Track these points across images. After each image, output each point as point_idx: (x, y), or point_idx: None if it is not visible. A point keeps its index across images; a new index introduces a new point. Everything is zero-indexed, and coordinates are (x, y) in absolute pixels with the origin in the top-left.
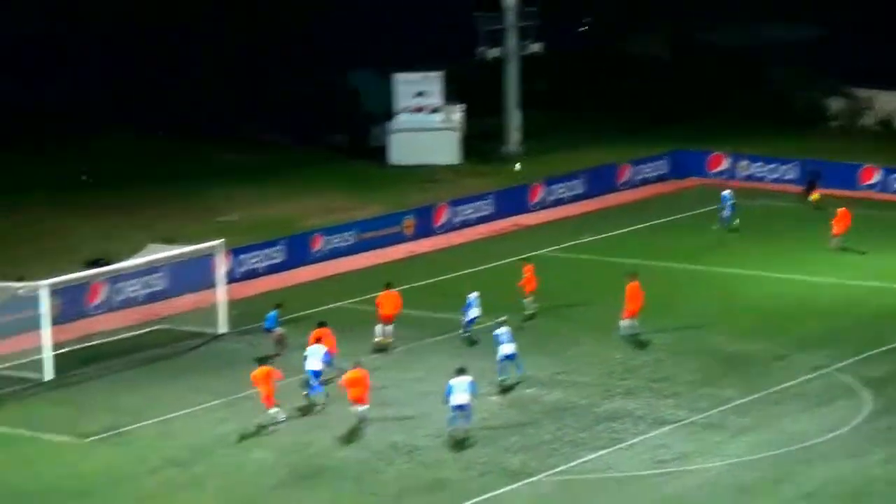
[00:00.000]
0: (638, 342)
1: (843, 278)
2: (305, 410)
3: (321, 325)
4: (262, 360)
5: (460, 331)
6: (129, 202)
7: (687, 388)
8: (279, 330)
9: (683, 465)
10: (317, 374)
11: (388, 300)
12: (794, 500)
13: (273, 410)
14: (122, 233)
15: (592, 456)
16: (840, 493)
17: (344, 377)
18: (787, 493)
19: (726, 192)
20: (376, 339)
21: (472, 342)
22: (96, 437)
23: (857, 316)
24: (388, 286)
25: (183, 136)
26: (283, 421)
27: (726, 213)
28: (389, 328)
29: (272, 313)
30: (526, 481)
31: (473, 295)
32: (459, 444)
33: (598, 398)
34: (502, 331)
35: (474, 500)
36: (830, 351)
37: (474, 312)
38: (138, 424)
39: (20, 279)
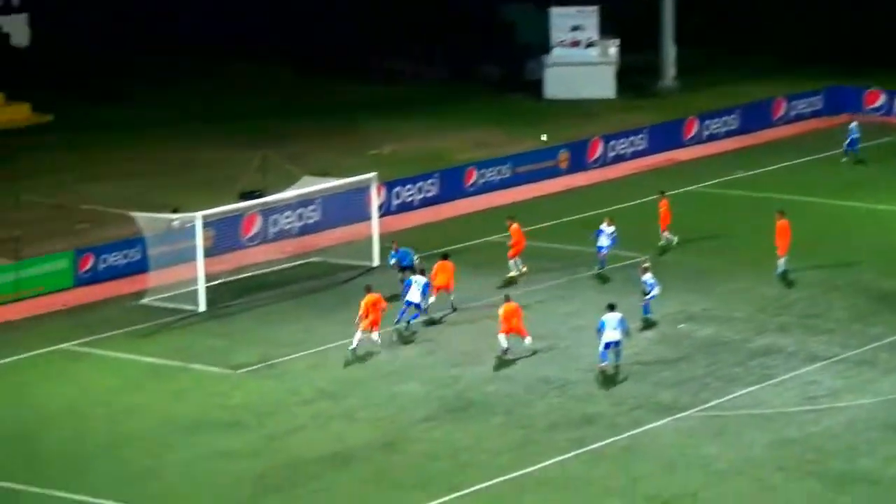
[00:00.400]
0: (791, 279)
1: None
2: (404, 339)
3: (445, 257)
4: (369, 289)
5: (595, 267)
6: (283, 135)
7: (839, 324)
8: (417, 260)
9: (834, 401)
10: (414, 304)
11: (515, 234)
12: None
13: (374, 335)
14: (277, 165)
15: (743, 391)
16: None
17: (500, 312)
18: None
19: (853, 125)
20: (510, 274)
21: (603, 279)
22: (248, 369)
23: None
24: (511, 218)
25: (339, 70)
26: (378, 343)
27: (851, 145)
28: (516, 261)
29: (402, 251)
30: (676, 416)
31: (605, 225)
32: (610, 379)
33: (750, 334)
34: (648, 277)
35: (624, 435)
36: None
37: (603, 241)
38: (290, 356)
39: (175, 211)
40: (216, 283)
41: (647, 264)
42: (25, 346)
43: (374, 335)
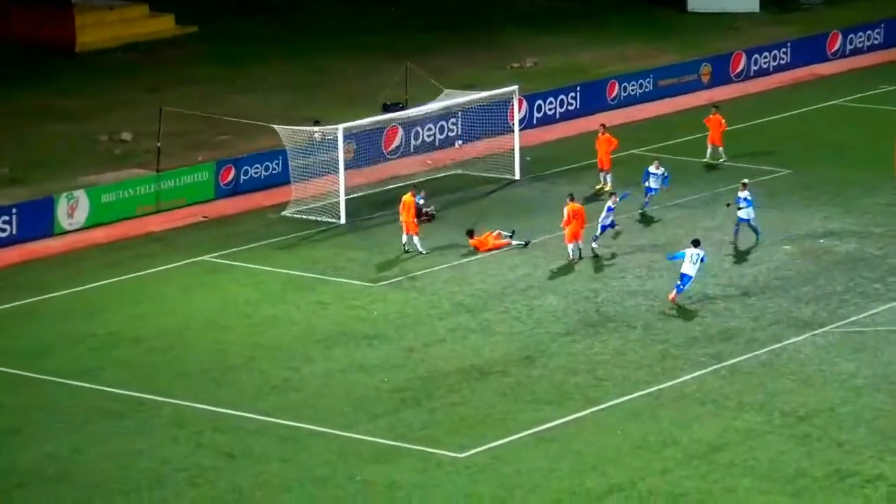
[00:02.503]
0: None
1: None
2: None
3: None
4: (572, 197)
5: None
6: (426, 48)
7: None
8: (430, 209)
9: None
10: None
11: (602, 144)
12: None
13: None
14: (420, 78)
15: (883, 307)
16: None
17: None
18: None
19: None
20: (597, 187)
21: (648, 220)
22: (388, 282)
23: None
24: (603, 126)
25: None
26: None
27: None
28: (607, 176)
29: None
30: (815, 332)
31: (653, 168)
32: (750, 293)
33: (891, 249)
34: (744, 195)
35: (763, 350)
36: None
37: (652, 183)
38: (430, 269)
39: (316, 123)
40: (357, 195)
41: (745, 181)
42: (166, 257)
43: (570, 246)
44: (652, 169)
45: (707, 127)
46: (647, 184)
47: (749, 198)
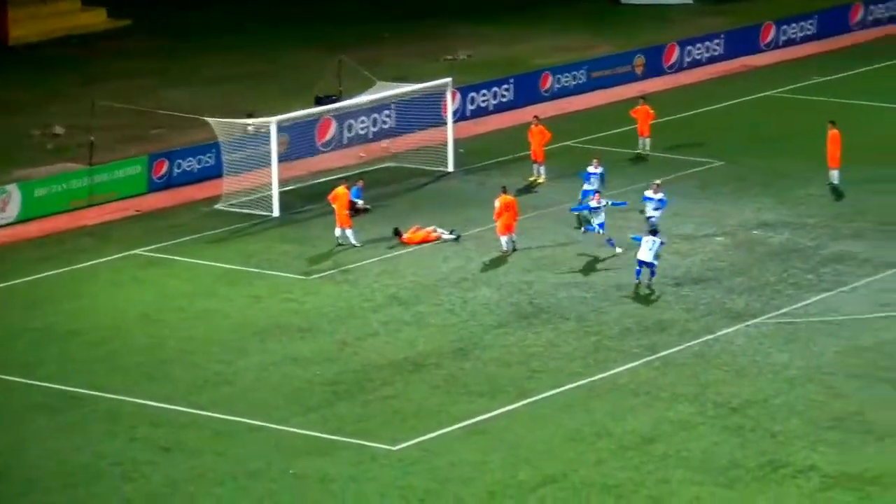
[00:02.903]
0: (867, 185)
1: None
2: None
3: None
4: (504, 189)
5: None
6: (360, 40)
7: None
8: (360, 203)
9: None
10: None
11: (535, 136)
12: None
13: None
14: (353, 70)
15: (816, 298)
16: None
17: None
18: None
19: None
20: (531, 179)
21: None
22: (321, 275)
23: None
24: (536, 118)
25: None
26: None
27: None
28: (541, 168)
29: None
30: (749, 323)
31: (592, 168)
32: (681, 285)
33: (824, 240)
34: (658, 196)
35: (697, 341)
36: None
37: (593, 184)
38: (363, 262)
39: (249, 115)
40: (290, 188)
41: (658, 182)
42: (99, 251)
43: (503, 238)
44: (591, 169)
45: (635, 118)
46: (586, 185)
47: (663, 198)
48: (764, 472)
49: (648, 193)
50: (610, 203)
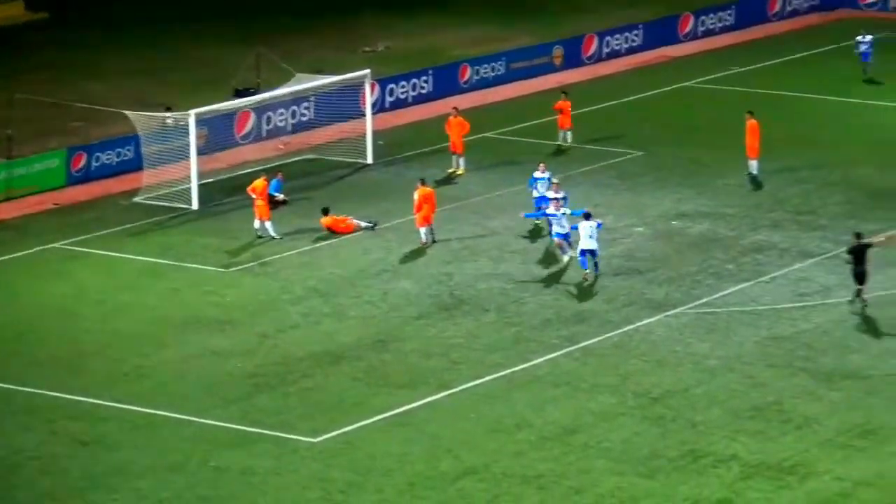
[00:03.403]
0: (786, 175)
1: None
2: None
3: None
4: (423, 182)
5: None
6: (278, 32)
7: (832, 220)
8: (280, 196)
9: (825, 298)
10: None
11: (454, 128)
12: None
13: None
14: (271, 63)
15: (735, 288)
16: None
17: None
18: None
19: (863, 38)
20: (450, 171)
21: (501, 203)
22: (241, 267)
23: None
24: (455, 110)
25: None
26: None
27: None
28: (460, 159)
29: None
30: (668, 313)
31: (538, 172)
32: (602, 276)
33: (743, 230)
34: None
35: (617, 332)
36: None
37: (541, 190)
38: (283, 255)
39: (168, 109)
40: (209, 181)
41: (555, 180)
42: (17, 245)
43: (422, 230)
44: (538, 174)
45: (559, 111)
46: (535, 192)
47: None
48: (685, 461)
49: (537, 174)
50: (570, 212)
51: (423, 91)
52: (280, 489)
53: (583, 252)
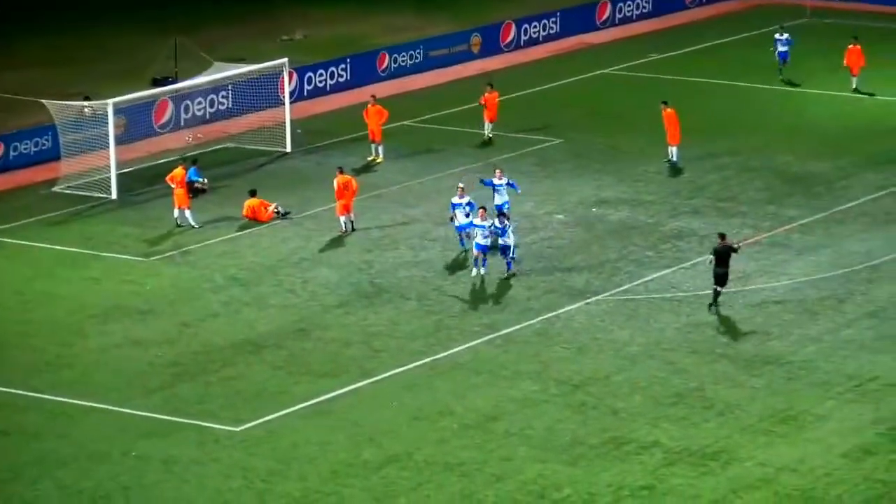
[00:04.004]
0: (706, 161)
1: None
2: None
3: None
4: (341, 170)
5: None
6: (195, 22)
7: (752, 207)
8: (201, 181)
9: (747, 284)
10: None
11: (373, 116)
12: (857, 319)
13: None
14: (189, 52)
15: (656, 275)
16: None
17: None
18: (850, 312)
19: (780, 36)
20: (369, 158)
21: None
22: (161, 256)
23: None
24: (373, 98)
25: None
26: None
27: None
28: (379, 147)
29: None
30: (589, 300)
31: (496, 179)
32: (522, 263)
33: (663, 217)
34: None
35: (538, 319)
36: None
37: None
38: (203, 244)
39: (86, 98)
40: (128, 170)
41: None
42: None
43: (342, 219)
44: (495, 180)
45: (484, 105)
46: (496, 201)
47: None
48: (607, 448)
49: (455, 200)
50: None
51: (342, 79)
52: (202, 478)
53: (502, 247)
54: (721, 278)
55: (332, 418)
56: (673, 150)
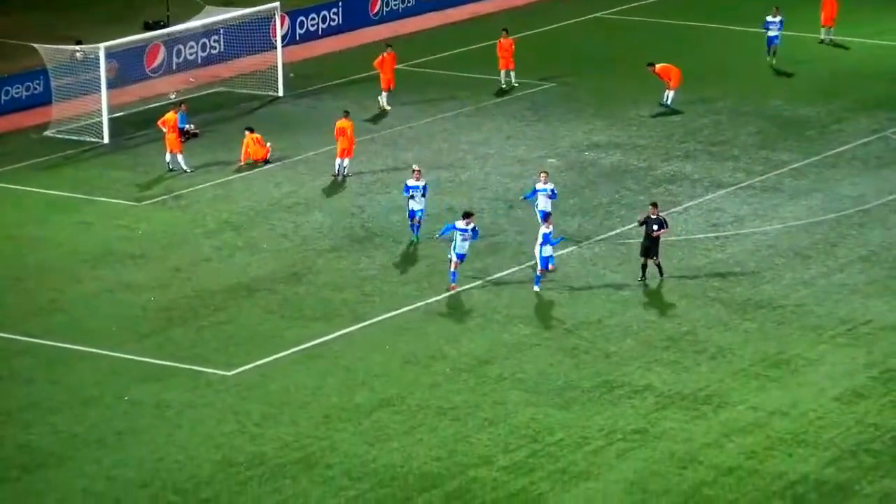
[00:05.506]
0: (698, 106)
1: None
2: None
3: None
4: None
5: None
6: None
7: (744, 151)
8: (190, 127)
9: (739, 228)
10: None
11: (388, 63)
12: (849, 263)
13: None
14: None
15: None
16: None
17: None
18: (842, 256)
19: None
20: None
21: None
22: (153, 201)
23: None
24: (389, 47)
25: None
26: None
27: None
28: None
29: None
30: (581, 244)
31: (541, 184)
32: (515, 206)
33: (656, 161)
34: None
35: (530, 263)
36: (890, 114)
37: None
38: (195, 188)
39: (78, 42)
40: (120, 114)
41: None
42: None
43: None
44: (539, 185)
45: (498, 56)
46: (537, 206)
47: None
48: (599, 392)
49: (410, 182)
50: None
51: (333, 23)
52: (195, 422)
53: (459, 256)
54: (648, 251)
55: (325, 362)
56: (669, 94)
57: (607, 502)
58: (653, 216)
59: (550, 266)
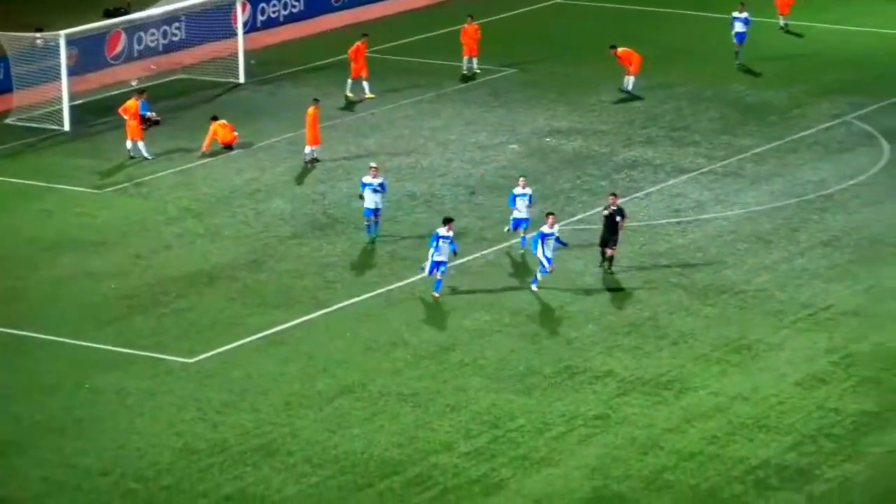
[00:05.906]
0: (659, 91)
1: (873, 26)
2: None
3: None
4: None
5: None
6: None
7: (706, 136)
8: (152, 114)
9: (701, 213)
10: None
11: (361, 52)
12: (811, 248)
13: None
14: None
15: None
16: (858, 240)
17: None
18: (804, 241)
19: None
20: (368, 96)
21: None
22: (114, 188)
23: (883, 65)
24: (364, 36)
25: None
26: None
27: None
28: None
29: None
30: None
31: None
32: (477, 192)
33: (617, 147)
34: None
35: (491, 250)
36: (851, 99)
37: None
38: (156, 175)
39: (38, 30)
40: (81, 101)
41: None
42: None
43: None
44: (517, 190)
45: (462, 42)
46: (514, 213)
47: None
48: (561, 378)
49: (367, 179)
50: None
51: (295, 10)
52: (156, 409)
53: (436, 264)
54: (607, 242)
55: (286, 349)
56: (630, 80)
57: (569, 488)
58: (613, 207)
59: (549, 266)
